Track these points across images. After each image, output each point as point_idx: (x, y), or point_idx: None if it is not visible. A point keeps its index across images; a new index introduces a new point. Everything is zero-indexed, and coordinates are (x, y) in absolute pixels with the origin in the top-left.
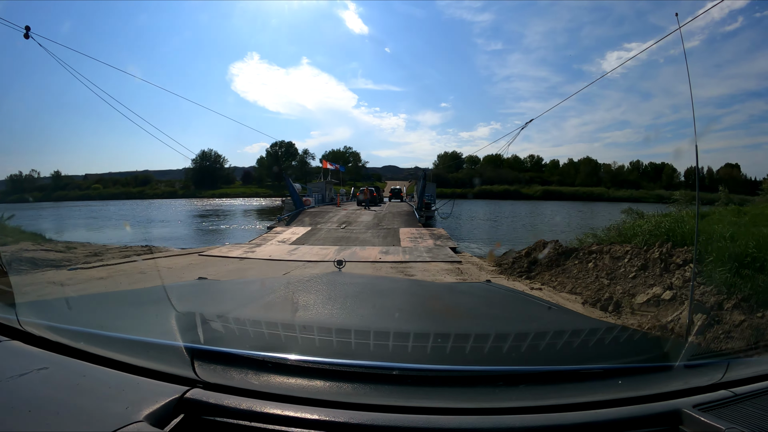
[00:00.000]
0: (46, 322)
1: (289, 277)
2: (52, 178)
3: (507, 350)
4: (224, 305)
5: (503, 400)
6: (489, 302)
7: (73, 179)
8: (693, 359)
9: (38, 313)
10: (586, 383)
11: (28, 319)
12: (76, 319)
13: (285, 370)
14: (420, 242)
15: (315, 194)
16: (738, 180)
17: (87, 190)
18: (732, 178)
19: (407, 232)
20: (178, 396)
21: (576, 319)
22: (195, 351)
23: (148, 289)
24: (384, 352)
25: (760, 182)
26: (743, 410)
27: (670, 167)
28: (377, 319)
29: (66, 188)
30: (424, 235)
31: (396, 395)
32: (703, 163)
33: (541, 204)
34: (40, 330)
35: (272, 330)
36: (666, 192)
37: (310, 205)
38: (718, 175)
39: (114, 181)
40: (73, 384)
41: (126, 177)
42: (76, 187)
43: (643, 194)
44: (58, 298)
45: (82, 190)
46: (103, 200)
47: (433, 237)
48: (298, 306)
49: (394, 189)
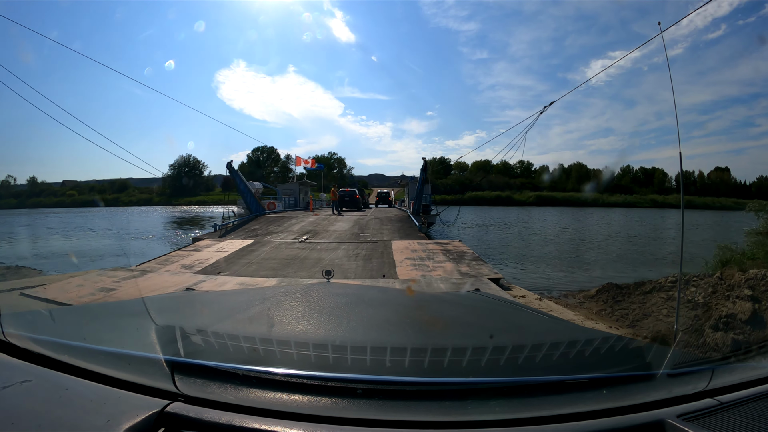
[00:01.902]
0: (29, 333)
1: (276, 289)
2: (28, 185)
3: (487, 362)
4: (207, 318)
5: (482, 413)
6: (477, 312)
7: (50, 186)
8: (677, 367)
9: (21, 325)
10: (569, 394)
11: (10, 330)
12: (59, 331)
13: (265, 384)
14: (431, 266)
15: (286, 197)
16: (729, 184)
17: (62, 197)
18: (723, 181)
19: (405, 247)
20: (159, 410)
21: (568, 329)
22: (175, 364)
23: (131, 301)
24: (362, 365)
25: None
26: (728, 419)
27: (660, 172)
28: (359, 331)
29: (41, 195)
30: (434, 253)
31: (374, 409)
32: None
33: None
34: (24, 342)
35: (252, 344)
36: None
37: (276, 209)
38: (709, 179)
39: (90, 187)
40: (55, 397)
41: (103, 184)
42: (52, 194)
43: (637, 199)
44: (42, 309)
45: (57, 197)
46: (78, 207)
47: (452, 256)
48: (284, 319)
49: (381, 192)
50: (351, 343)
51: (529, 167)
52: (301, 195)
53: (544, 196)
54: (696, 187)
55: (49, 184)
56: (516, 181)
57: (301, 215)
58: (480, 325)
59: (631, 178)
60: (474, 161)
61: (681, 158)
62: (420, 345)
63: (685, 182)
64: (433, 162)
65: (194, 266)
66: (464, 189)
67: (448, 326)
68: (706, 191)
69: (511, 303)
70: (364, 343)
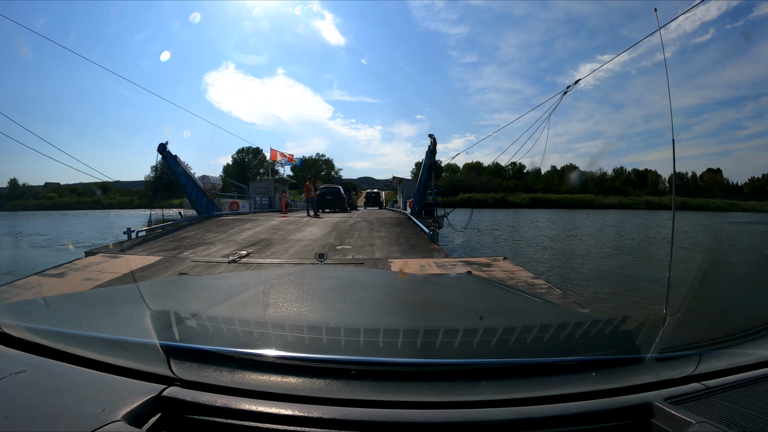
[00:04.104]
0: (24, 323)
1: (270, 272)
2: (8, 187)
3: (478, 343)
4: (202, 302)
5: (474, 394)
6: (468, 294)
7: (32, 188)
8: (665, 351)
9: (16, 315)
10: (558, 376)
11: (5, 320)
12: (54, 319)
13: (260, 367)
14: None
15: (257, 197)
16: (722, 185)
17: (42, 199)
18: (716, 182)
19: (415, 267)
20: (155, 394)
21: (558, 312)
22: (171, 349)
23: (126, 287)
24: (356, 347)
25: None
26: (715, 404)
27: (653, 173)
28: (353, 313)
29: (22, 197)
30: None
31: (368, 390)
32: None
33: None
34: (19, 331)
35: (247, 327)
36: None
37: (237, 210)
38: (702, 181)
39: (71, 189)
40: (51, 386)
41: (84, 186)
42: (33, 196)
43: (632, 201)
44: (35, 298)
45: (38, 199)
46: (58, 210)
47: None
48: (278, 302)
49: (371, 193)
50: (345, 325)
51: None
52: (277, 195)
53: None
54: (690, 189)
55: (30, 186)
56: (509, 183)
57: (265, 218)
58: (471, 307)
59: (624, 179)
60: (465, 163)
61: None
62: (412, 327)
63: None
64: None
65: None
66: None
67: (441, 308)
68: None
69: (503, 286)
70: (358, 325)
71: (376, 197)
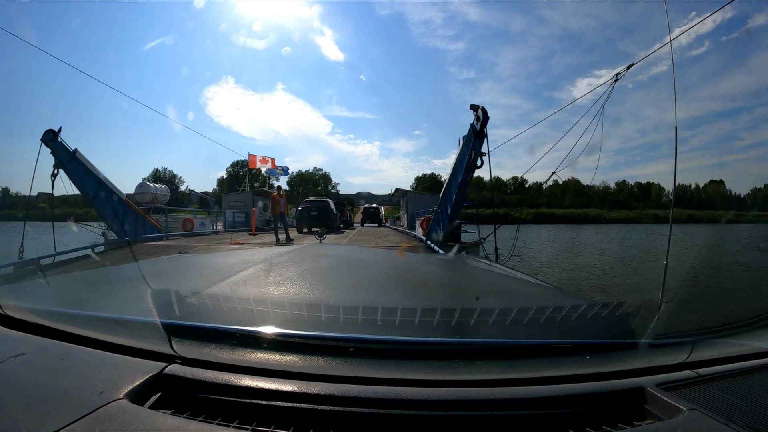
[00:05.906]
0: (25, 304)
1: (269, 250)
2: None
3: (475, 323)
4: (202, 281)
5: (469, 373)
6: (466, 275)
7: (25, 198)
8: (659, 338)
9: (18, 296)
10: (553, 358)
11: (8, 302)
12: (56, 300)
13: (260, 344)
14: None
15: (233, 212)
16: (725, 196)
17: (33, 209)
18: (719, 194)
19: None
20: (157, 372)
21: (555, 295)
22: (172, 327)
23: (127, 266)
24: (354, 325)
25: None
26: (706, 392)
27: (657, 186)
28: (351, 291)
29: (13, 207)
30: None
31: (366, 367)
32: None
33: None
34: (21, 313)
35: (246, 306)
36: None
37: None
38: (705, 192)
39: (62, 200)
40: (53, 366)
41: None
42: (24, 206)
43: (638, 215)
44: (36, 280)
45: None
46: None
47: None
48: (278, 280)
49: (369, 208)
50: (343, 303)
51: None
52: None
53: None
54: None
55: (23, 195)
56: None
57: (208, 244)
58: (468, 287)
59: (627, 193)
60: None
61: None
62: (410, 305)
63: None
64: (424, 179)
65: None
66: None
67: (438, 287)
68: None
69: (500, 268)
70: (356, 303)
71: (375, 213)
